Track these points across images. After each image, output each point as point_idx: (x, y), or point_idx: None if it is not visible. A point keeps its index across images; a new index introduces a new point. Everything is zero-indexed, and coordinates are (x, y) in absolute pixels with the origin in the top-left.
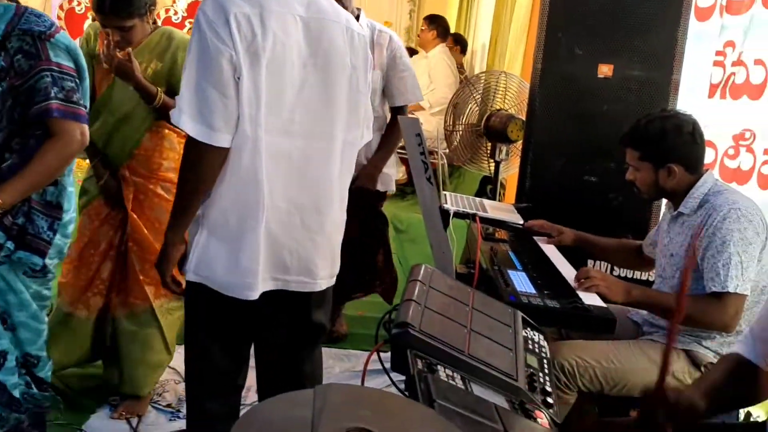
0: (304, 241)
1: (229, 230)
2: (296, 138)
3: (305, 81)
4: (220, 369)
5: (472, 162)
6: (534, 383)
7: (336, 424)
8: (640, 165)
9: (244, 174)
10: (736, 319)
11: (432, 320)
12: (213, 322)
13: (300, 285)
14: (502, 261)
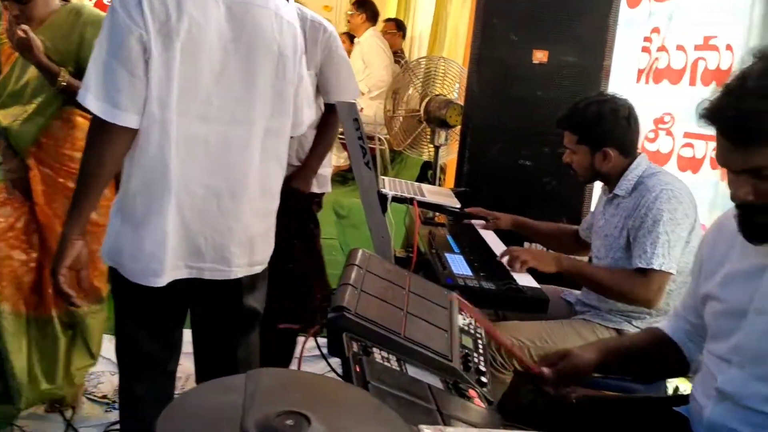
0: (220, 228)
1: (136, 214)
2: (214, 123)
3: (226, 65)
4: (149, 354)
5: (413, 147)
6: (468, 363)
7: (267, 409)
8: (577, 148)
9: (152, 157)
10: (659, 295)
11: (368, 304)
12: (135, 308)
13: (214, 273)
14: (440, 245)
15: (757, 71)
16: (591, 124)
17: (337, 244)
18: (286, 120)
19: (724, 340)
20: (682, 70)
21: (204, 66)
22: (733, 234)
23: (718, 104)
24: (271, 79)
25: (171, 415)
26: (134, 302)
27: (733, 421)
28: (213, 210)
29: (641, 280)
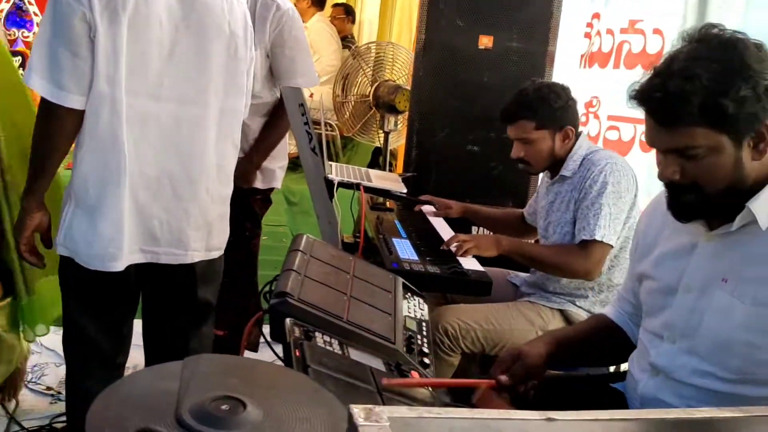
0: (175, 211)
1: (89, 198)
2: (165, 102)
3: (176, 44)
4: (98, 347)
5: (363, 133)
6: (412, 345)
7: (203, 394)
8: (535, 135)
9: (103, 137)
10: (598, 267)
11: (311, 289)
12: (86, 297)
13: (170, 257)
14: (387, 229)
15: (684, 54)
16: (550, 104)
17: (288, 231)
18: (240, 100)
19: (656, 316)
20: (609, 54)
21: (153, 44)
22: (666, 214)
23: (645, 86)
24: (223, 58)
25: (105, 403)
26: (87, 292)
27: (665, 394)
28: (167, 192)
29: (580, 252)
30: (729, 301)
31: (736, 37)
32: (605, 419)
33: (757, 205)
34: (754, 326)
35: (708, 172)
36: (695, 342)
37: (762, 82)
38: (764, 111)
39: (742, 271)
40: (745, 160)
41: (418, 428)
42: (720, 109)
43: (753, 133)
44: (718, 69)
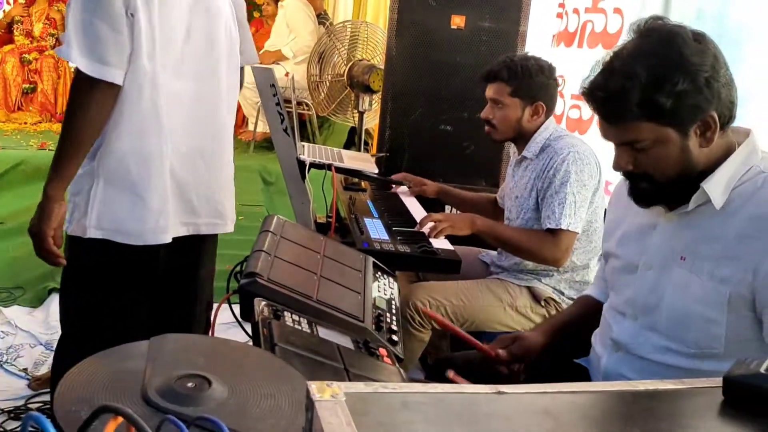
0: (209, 183)
1: (131, 177)
2: (186, 80)
3: (191, 24)
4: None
5: (338, 113)
6: (381, 324)
7: (168, 373)
8: (508, 100)
9: (146, 114)
10: (566, 254)
11: (281, 269)
12: (119, 279)
13: (211, 227)
14: (359, 209)
15: (628, 50)
16: (531, 74)
17: (264, 211)
18: (237, 74)
19: (619, 293)
20: (575, 33)
21: (176, 23)
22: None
23: (591, 83)
24: (225, 35)
25: (72, 383)
26: (124, 271)
27: (625, 369)
28: (200, 166)
29: (550, 240)
30: (687, 277)
31: (676, 31)
32: (553, 392)
33: (710, 186)
34: (711, 301)
35: (657, 163)
36: (655, 318)
37: (701, 74)
38: (707, 102)
39: (699, 248)
40: (692, 148)
41: (373, 402)
42: (657, 104)
43: (698, 122)
44: (655, 64)
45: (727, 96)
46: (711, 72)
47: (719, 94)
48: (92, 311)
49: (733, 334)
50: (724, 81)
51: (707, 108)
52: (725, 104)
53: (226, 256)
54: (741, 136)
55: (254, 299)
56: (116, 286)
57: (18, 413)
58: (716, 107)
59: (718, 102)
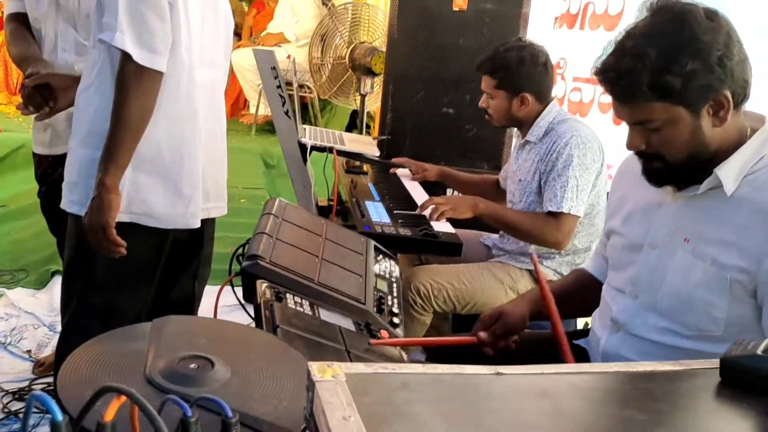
0: (219, 167)
1: (165, 162)
2: (203, 67)
3: (204, 14)
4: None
5: (339, 95)
6: (382, 306)
7: (171, 354)
8: (495, 93)
9: (182, 103)
10: (568, 237)
11: (283, 252)
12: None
13: (217, 210)
14: (361, 192)
15: (640, 29)
16: (511, 68)
17: (266, 194)
18: (229, 61)
19: (621, 271)
20: (576, 15)
21: (196, 12)
22: (637, 174)
23: (604, 63)
24: (224, 25)
25: (75, 364)
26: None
27: (625, 350)
28: (212, 151)
29: (552, 223)
30: (690, 260)
31: (688, 9)
32: (551, 373)
33: (724, 171)
34: (712, 286)
35: (668, 142)
36: (656, 298)
37: (714, 53)
38: (719, 81)
39: (704, 232)
40: (705, 128)
41: (374, 382)
42: (668, 85)
43: (711, 101)
44: (666, 45)
45: (740, 74)
46: (724, 50)
47: (732, 73)
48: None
49: (734, 318)
50: (737, 59)
51: (720, 87)
52: (739, 83)
53: (228, 238)
54: (756, 122)
55: (256, 281)
56: (125, 268)
57: (22, 394)
58: (729, 86)
59: (732, 80)
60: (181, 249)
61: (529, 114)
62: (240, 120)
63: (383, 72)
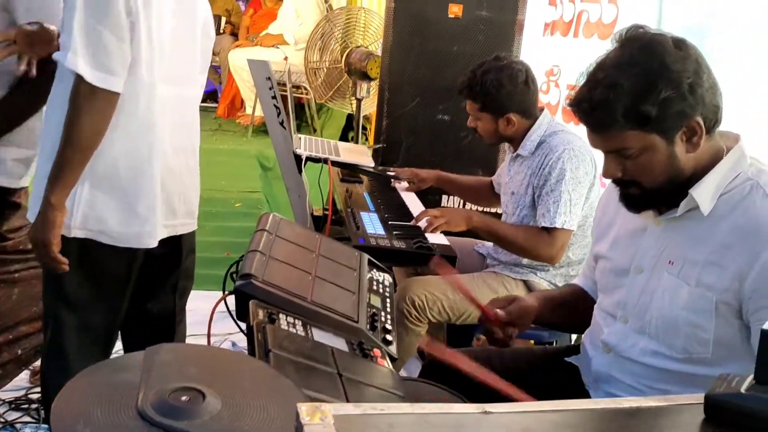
0: (188, 184)
1: (120, 180)
2: (174, 85)
3: (176, 28)
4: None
5: (336, 99)
6: (375, 323)
7: (162, 385)
8: (480, 115)
9: (140, 121)
10: (561, 252)
11: (276, 269)
12: (101, 278)
13: (185, 227)
14: (356, 203)
15: (610, 60)
16: (491, 93)
17: (263, 197)
18: (206, 75)
19: (610, 295)
20: (570, 23)
21: (165, 27)
22: None
23: (577, 95)
24: (200, 38)
25: (67, 397)
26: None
27: (617, 371)
28: (182, 168)
29: (546, 238)
30: (675, 282)
31: (656, 39)
32: (536, 411)
33: (698, 192)
34: (698, 307)
35: (644, 169)
36: (644, 322)
37: (685, 80)
38: (692, 107)
39: (687, 254)
40: (679, 154)
41: (361, 424)
42: (642, 113)
43: (684, 128)
44: (639, 74)
45: (711, 100)
46: (694, 78)
47: (703, 99)
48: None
49: (721, 340)
50: (707, 85)
51: (692, 113)
52: (710, 108)
53: (223, 243)
54: (730, 141)
55: (249, 301)
56: (95, 285)
57: (19, 404)
58: (701, 112)
59: (703, 107)
60: (157, 263)
61: (517, 131)
62: (237, 121)
63: (379, 78)
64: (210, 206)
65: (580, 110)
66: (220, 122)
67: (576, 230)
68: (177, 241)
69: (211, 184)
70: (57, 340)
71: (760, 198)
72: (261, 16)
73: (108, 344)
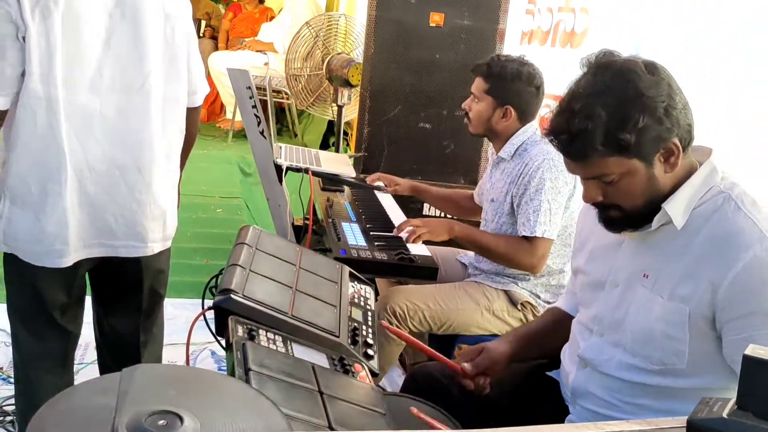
0: (128, 204)
1: (31, 196)
2: (107, 94)
3: (112, 33)
4: (46, 344)
5: (316, 105)
6: (356, 337)
7: (139, 409)
8: (482, 97)
9: (41, 136)
10: (542, 261)
11: (257, 284)
12: (31, 293)
13: (129, 250)
14: (337, 213)
15: (584, 88)
16: (505, 78)
17: (243, 203)
18: (182, 86)
19: (587, 309)
20: (548, 32)
21: (88, 35)
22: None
23: (554, 125)
24: (161, 44)
25: (42, 422)
26: (32, 287)
27: (593, 386)
28: (119, 185)
29: (526, 246)
30: (649, 295)
31: (628, 66)
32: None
33: (671, 206)
34: (672, 319)
35: (625, 193)
36: (620, 335)
37: (660, 105)
38: (668, 131)
39: (661, 267)
40: (658, 175)
41: None
42: (622, 141)
43: (661, 150)
44: (614, 102)
45: (684, 120)
46: (668, 101)
47: (678, 121)
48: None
49: (696, 352)
50: (680, 106)
51: (668, 136)
52: (684, 128)
53: (202, 249)
54: (703, 156)
55: (228, 317)
56: (37, 304)
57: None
58: (677, 133)
59: (678, 128)
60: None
61: (506, 129)
62: (217, 125)
63: (360, 85)
64: (190, 212)
65: (558, 141)
66: (199, 126)
67: (556, 240)
68: (136, 262)
69: (191, 189)
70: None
71: (732, 210)
72: (241, 20)
73: (65, 360)
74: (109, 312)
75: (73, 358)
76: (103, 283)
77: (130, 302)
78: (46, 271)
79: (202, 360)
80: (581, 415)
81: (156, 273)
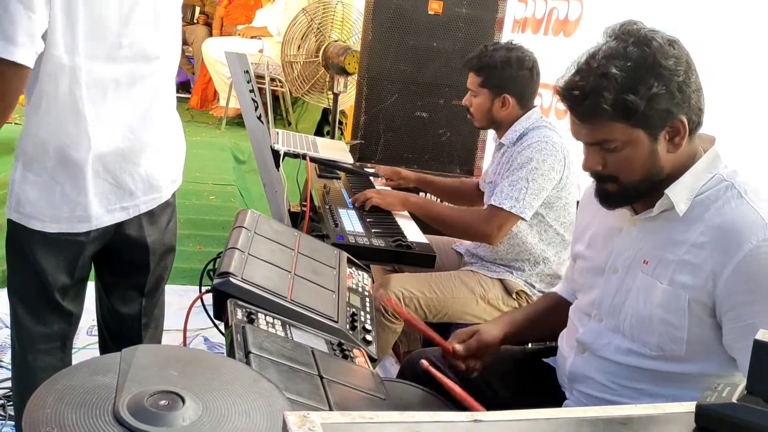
0: (143, 162)
1: (50, 164)
2: (123, 63)
3: (136, 5)
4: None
5: (312, 92)
6: (355, 323)
7: (140, 388)
8: (478, 91)
9: (63, 103)
10: (499, 233)
11: (255, 268)
12: (36, 272)
13: (150, 203)
14: (334, 199)
15: (603, 51)
16: (496, 68)
17: (236, 191)
18: (179, 48)
19: (586, 294)
20: (541, 20)
21: (111, 7)
22: None
23: (566, 82)
24: (172, 12)
25: (42, 401)
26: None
27: (591, 371)
28: (135, 147)
29: (484, 215)
30: (649, 281)
31: (651, 35)
32: (527, 419)
33: (674, 192)
34: (671, 306)
35: (625, 164)
36: (619, 320)
37: (675, 78)
38: (678, 107)
39: (661, 253)
40: (660, 152)
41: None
42: (631, 105)
43: (668, 127)
44: (630, 67)
45: (696, 102)
46: (684, 77)
47: (690, 100)
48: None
49: (694, 338)
50: (695, 87)
51: (678, 113)
52: (695, 110)
53: (196, 236)
54: (706, 143)
55: (227, 300)
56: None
57: None
58: (687, 112)
59: (689, 107)
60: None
61: (509, 117)
62: (210, 112)
63: (357, 73)
64: (183, 199)
65: (569, 97)
66: (192, 113)
67: (551, 229)
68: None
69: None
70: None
71: (734, 198)
72: (235, 7)
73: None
74: (111, 293)
75: (73, 340)
76: (109, 264)
77: (134, 284)
78: (50, 249)
79: (195, 347)
80: (578, 401)
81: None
